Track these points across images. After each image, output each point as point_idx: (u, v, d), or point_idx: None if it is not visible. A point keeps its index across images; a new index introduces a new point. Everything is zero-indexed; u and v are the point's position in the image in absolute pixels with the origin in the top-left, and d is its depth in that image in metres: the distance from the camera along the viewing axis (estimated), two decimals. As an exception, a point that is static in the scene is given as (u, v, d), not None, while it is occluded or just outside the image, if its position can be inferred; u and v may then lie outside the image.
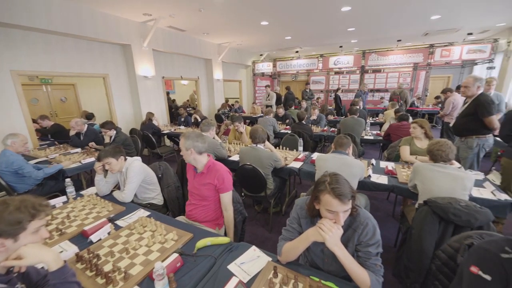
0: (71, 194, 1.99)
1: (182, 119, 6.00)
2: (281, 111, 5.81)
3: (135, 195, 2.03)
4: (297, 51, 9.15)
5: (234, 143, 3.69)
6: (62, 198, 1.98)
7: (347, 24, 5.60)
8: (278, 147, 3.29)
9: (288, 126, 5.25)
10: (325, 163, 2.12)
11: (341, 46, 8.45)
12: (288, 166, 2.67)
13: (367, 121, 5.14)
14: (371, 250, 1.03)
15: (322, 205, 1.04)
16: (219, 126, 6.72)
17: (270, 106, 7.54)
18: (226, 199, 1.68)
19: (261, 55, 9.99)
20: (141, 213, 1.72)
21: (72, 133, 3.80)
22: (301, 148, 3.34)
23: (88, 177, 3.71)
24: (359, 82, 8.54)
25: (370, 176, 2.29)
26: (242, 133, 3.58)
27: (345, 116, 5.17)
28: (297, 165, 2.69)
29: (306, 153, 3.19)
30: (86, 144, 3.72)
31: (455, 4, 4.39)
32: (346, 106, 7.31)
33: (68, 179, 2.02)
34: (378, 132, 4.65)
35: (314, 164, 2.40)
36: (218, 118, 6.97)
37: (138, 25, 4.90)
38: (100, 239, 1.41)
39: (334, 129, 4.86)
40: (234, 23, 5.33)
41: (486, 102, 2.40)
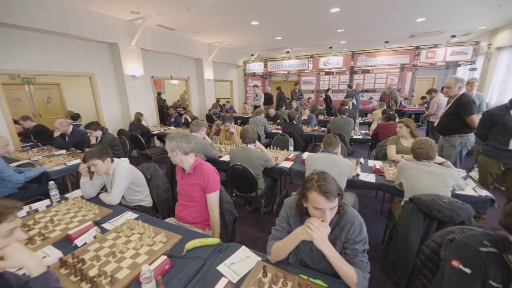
0: (55, 197, 1.92)
1: (172, 120, 5.92)
2: (272, 111, 5.83)
3: (123, 197, 1.99)
4: (288, 52, 9.21)
5: (225, 144, 3.68)
6: (46, 202, 1.90)
7: (336, 25, 5.68)
8: (269, 147, 3.30)
9: (279, 126, 5.27)
10: (314, 163, 2.14)
11: (331, 47, 8.58)
12: (278, 166, 2.69)
13: (356, 120, 5.24)
14: (358, 247, 1.05)
15: (309, 202, 1.05)
16: (210, 127, 6.67)
17: (258, 107, 7.31)
18: (212, 199, 1.67)
19: (252, 55, 9.99)
20: (129, 215, 1.68)
21: (56, 134, 3.67)
22: (291, 147, 3.37)
23: (73, 179, 3.60)
24: (349, 83, 8.69)
25: (358, 174, 2.34)
26: (233, 133, 3.57)
27: (335, 116, 5.25)
28: (287, 164, 2.71)
29: (297, 152, 3.22)
30: (71, 145, 3.62)
31: (439, 7, 4.54)
32: (336, 106, 7.40)
33: (51, 182, 1.96)
34: (367, 131, 4.75)
35: (304, 163, 2.42)
36: (209, 118, 6.92)
37: (126, 23, 4.79)
38: (85, 243, 1.37)
39: (324, 128, 4.92)
40: (225, 23, 5.30)
41: (467, 102, 2.50)
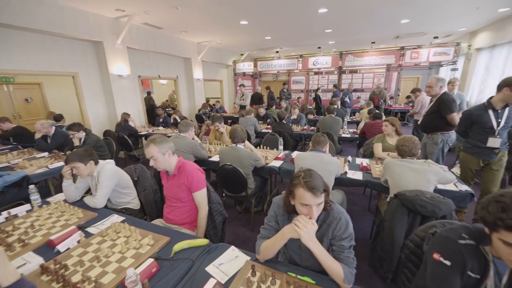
0: (36, 202, 1.84)
1: (161, 120, 5.81)
2: (262, 111, 5.84)
3: (109, 200, 1.94)
4: (277, 51, 9.25)
5: (215, 144, 3.65)
6: (26, 207, 1.82)
7: (324, 25, 5.76)
8: (259, 147, 3.31)
9: (269, 126, 5.29)
10: (303, 161, 2.17)
11: (319, 47, 8.70)
12: (268, 165, 2.69)
13: (345, 119, 5.34)
14: (344, 243, 1.07)
15: (296, 199, 1.06)
16: (200, 127, 6.60)
17: (244, 107, 7.22)
18: (198, 198, 1.66)
19: (242, 55, 9.96)
20: (114, 218, 1.64)
21: (37, 136, 3.52)
22: (281, 147, 3.38)
23: (57, 183, 3.47)
24: (337, 82, 8.83)
25: (346, 172, 2.38)
26: (222, 133, 3.55)
27: (324, 115, 5.33)
28: (277, 164, 2.73)
29: (287, 152, 3.24)
30: (54, 147, 3.48)
31: (422, 9, 4.70)
32: (325, 105, 7.51)
33: (32, 186, 1.87)
34: (355, 130, 4.85)
35: (294, 162, 2.44)
36: (199, 118, 6.85)
37: (111, 21, 4.65)
38: (68, 249, 1.32)
39: (313, 127, 4.98)
40: (213, 22, 5.26)
41: (447, 101, 2.60)
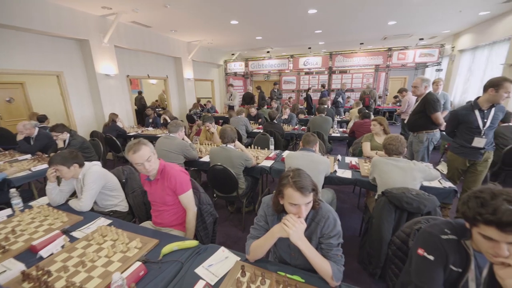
0: (18, 206, 1.77)
1: (150, 120, 5.71)
2: (253, 111, 5.84)
3: (95, 203, 1.88)
4: (268, 51, 9.27)
5: (205, 144, 3.63)
6: (7, 211, 1.76)
7: (314, 26, 5.83)
8: (250, 146, 3.31)
9: (260, 126, 5.29)
10: (294, 161, 2.18)
11: (309, 48, 8.78)
12: (259, 165, 2.70)
13: (335, 119, 5.42)
14: (333, 241, 1.09)
15: (285, 199, 1.06)
16: (191, 127, 6.53)
17: (233, 107, 7.16)
18: (185, 200, 1.62)
19: (233, 55, 9.93)
20: (101, 222, 1.60)
21: (19, 137, 3.38)
22: (272, 146, 3.39)
23: (40, 186, 3.35)
24: (327, 82, 8.95)
25: (336, 171, 2.42)
26: (213, 133, 3.53)
27: (314, 114, 5.38)
28: (268, 163, 2.73)
29: (277, 151, 3.25)
30: (37, 149, 3.36)
31: (408, 11, 4.83)
32: (316, 105, 7.58)
33: (13, 190, 1.79)
34: (345, 129, 4.93)
35: (284, 162, 2.46)
36: (190, 118, 6.77)
37: (97, 19, 4.53)
38: (52, 254, 1.27)
39: (304, 127, 5.02)
40: (203, 21, 5.21)
41: (432, 100, 2.69)
